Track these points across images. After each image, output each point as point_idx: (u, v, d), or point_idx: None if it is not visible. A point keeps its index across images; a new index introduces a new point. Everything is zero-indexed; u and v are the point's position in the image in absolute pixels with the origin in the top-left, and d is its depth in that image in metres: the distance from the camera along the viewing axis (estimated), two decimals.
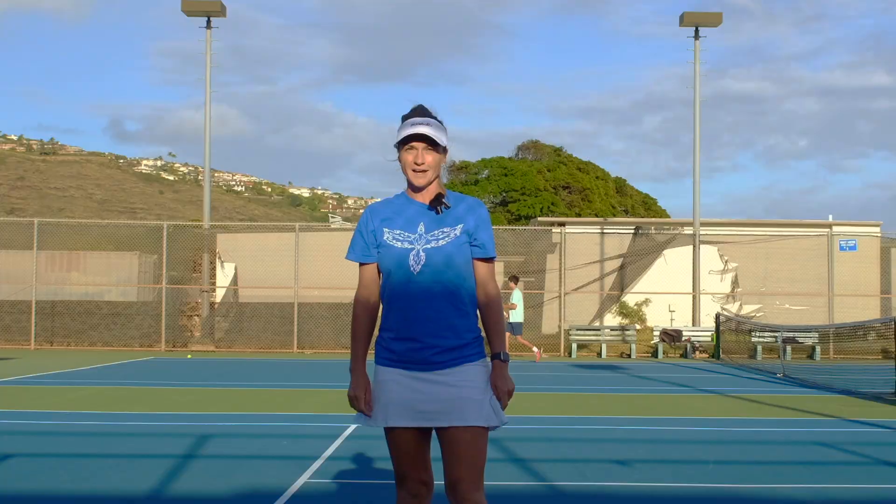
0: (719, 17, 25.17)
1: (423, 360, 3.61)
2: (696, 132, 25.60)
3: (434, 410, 3.60)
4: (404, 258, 3.63)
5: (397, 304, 3.64)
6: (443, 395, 3.59)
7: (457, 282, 3.64)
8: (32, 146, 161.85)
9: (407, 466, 3.69)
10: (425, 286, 3.61)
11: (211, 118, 25.46)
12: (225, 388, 14.02)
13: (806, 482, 6.88)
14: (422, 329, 3.61)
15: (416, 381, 3.62)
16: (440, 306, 3.61)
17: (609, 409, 11.60)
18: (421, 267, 3.61)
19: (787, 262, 25.79)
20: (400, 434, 3.65)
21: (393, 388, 3.63)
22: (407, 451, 3.67)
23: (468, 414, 3.58)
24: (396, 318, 3.65)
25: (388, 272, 3.68)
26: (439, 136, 3.68)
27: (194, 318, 25.22)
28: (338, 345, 24.06)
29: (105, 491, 6.31)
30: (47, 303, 24.41)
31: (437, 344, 3.60)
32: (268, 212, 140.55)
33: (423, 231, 3.67)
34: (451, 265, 3.63)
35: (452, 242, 3.64)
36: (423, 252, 3.62)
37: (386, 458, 7.45)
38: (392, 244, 3.66)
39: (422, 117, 3.71)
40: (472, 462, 3.61)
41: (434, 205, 3.69)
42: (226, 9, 25.42)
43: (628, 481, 6.83)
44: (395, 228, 3.69)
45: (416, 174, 3.69)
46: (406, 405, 3.61)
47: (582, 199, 53.41)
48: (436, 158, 3.70)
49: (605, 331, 24.02)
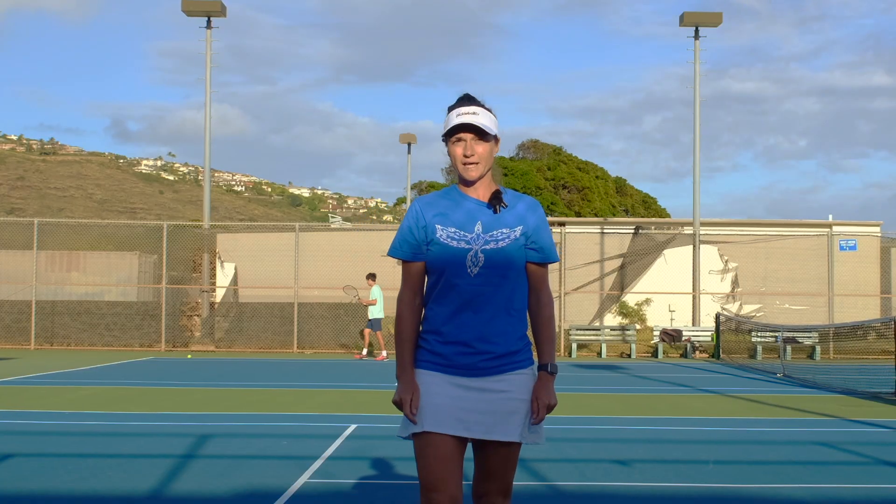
0: (719, 16, 25.18)
1: (471, 365, 3.40)
2: (696, 132, 25.61)
3: (476, 420, 3.39)
4: (461, 259, 3.38)
5: (449, 306, 3.41)
6: (486, 405, 3.39)
7: (512, 286, 3.43)
8: (32, 146, 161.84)
9: (440, 478, 3.36)
10: (481, 289, 3.38)
11: (211, 118, 25.48)
12: (225, 388, 14.02)
13: (806, 482, 6.88)
14: (474, 333, 3.39)
15: (460, 388, 3.40)
16: (495, 311, 3.40)
17: (609, 409, 11.60)
18: (479, 269, 3.38)
19: (787, 262, 25.80)
20: (437, 441, 3.37)
21: (435, 392, 3.40)
22: (441, 460, 3.37)
23: (511, 428, 3.40)
24: (446, 320, 3.41)
25: (441, 272, 3.42)
26: (488, 126, 3.43)
27: (194, 318, 25.22)
28: (338, 345, 24.06)
29: (105, 491, 6.31)
30: (47, 303, 24.41)
31: (488, 350, 3.40)
32: (268, 212, 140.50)
33: (481, 231, 3.41)
34: (510, 268, 3.41)
35: (513, 244, 3.41)
36: (482, 253, 3.38)
37: (386, 458, 7.48)
38: (447, 243, 3.40)
39: (469, 106, 3.46)
40: (503, 476, 3.47)
41: (493, 203, 3.45)
42: (226, 9, 25.43)
43: (628, 481, 6.84)
44: (449, 226, 3.43)
45: (466, 167, 3.44)
46: (448, 412, 3.38)
47: (582, 199, 53.45)
48: (486, 149, 3.46)
49: (605, 331, 24.02)
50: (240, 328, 24.43)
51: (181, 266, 25.57)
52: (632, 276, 26.18)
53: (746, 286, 26.12)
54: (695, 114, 25.57)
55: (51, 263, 26.75)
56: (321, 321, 24.19)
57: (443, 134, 3.50)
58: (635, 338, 23.64)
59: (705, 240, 25.47)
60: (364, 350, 21.86)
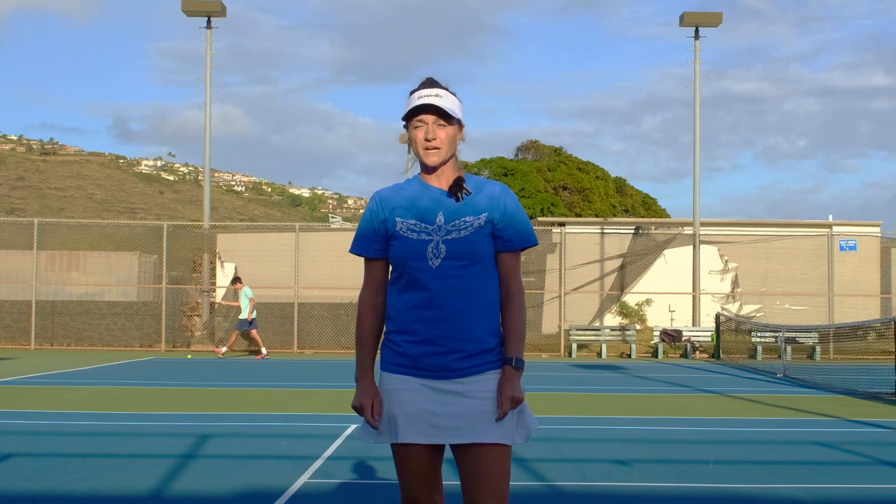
0: (719, 16, 25.17)
1: (442, 366, 3.20)
2: (696, 132, 25.61)
3: (452, 426, 3.18)
4: (422, 251, 3.20)
5: (414, 302, 3.22)
6: (462, 408, 3.18)
7: (480, 278, 3.23)
8: (32, 146, 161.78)
9: (417, 489, 3.24)
10: (446, 283, 3.18)
11: (211, 118, 25.47)
12: (225, 388, 14.02)
13: (806, 482, 6.87)
14: (442, 331, 3.19)
15: (432, 391, 3.20)
16: (462, 305, 3.19)
17: (609, 409, 11.60)
18: (441, 261, 3.18)
19: (787, 262, 25.79)
20: (411, 451, 3.22)
21: (405, 399, 3.21)
22: (418, 471, 3.24)
23: (490, 429, 3.17)
24: (412, 318, 3.22)
25: (403, 267, 3.24)
26: (452, 108, 3.23)
27: (194, 318, 25.22)
28: (338, 345, 24.05)
29: (105, 491, 6.31)
30: (47, 303, 24.41)
31: (460, 348, 3.20)
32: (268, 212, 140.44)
33: (443, 221, 3.22)
34: (475, 259, 3.21)
35: (476, 233, 3.21)
36: (444, 244, 3.19)
37: (386, 458, 7.47)
38: (407, 236, 3.23)
39: (432, 88, 3.26)
40: (495, 484, 3.18)
41: (454, 191, 3.25)
42: (226, 9, 25.43)
43: (628, 481, 6.83)
44: (409, 218, 3.25)
45: (427, 152, 3.25)
46: (420, 419, 3.19)
47: (582, 199, 53.43)
48: (449, 133, 3.26)
49: (605, 331, 24.01)
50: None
51: (181, 266, 25.56)
52: (632, 277, 26.17)
53: (746, 286, 26.11)
54: (695, 114, 25.57)
55: (51, 263, 26.73)
56: (321, 321, 24.18)
57: (403, 116, 3.30)
58: (635, 338, 23.64)
59: (705, 240, 25.47)
60: (263, 350, 21.31)
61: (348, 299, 24.73)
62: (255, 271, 25.16)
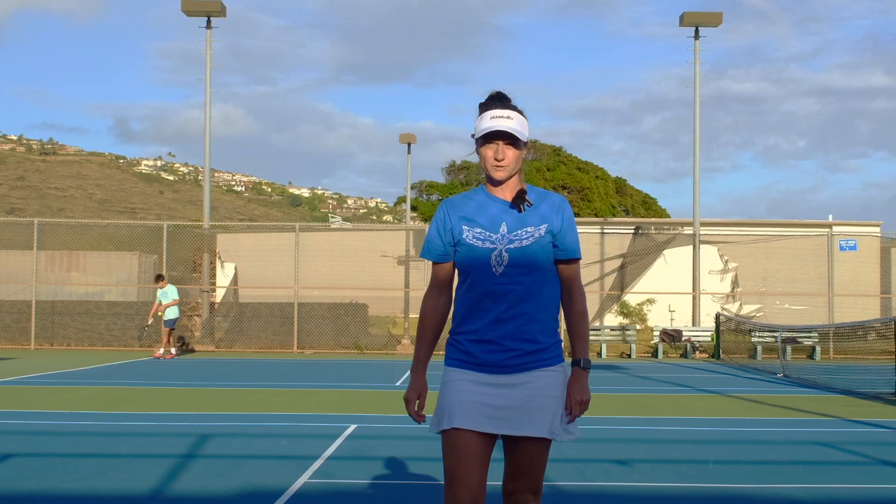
0: (719, 16, 25.16)
1: (499, 362, 3.46)
2: (696, 132, 25.60)
3: (503, 417, 3.44)
4: (486, 259, 3.46)
5: (477, 305, 3.48)
6: (515, 402, 3.44)
7: (539, 284, 3.49)
8: (32, 146, 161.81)
9: (465, 474, 3.42)
10: (507, 288, 3.44)
11: (211, 118, 25.45)
12: (225, 388, 14.02)
13: (806, 482, 6.88)
14: (501, 332, 3.45)
15: (489, 385, 3.46)
16: (522, 309, 3.46)
17: (609, 409, 11.60)
18: (503, 268, 3.45)
19: (787, 262, 25.79)
20: (462, 437, 3.43)
21: (462, 388, 3.47)
22: (465, 457, 3.42)
23: (538, 424, 3.44)
24: (475, 319, 3.49)
25: (468, 272, 3.51)
26: (521, 132, 3.49)
27: (194, 318, 25.22)
28: (338, 345, 24.05)
29: (105, 491, 6.31)
30: (47, 303, 24.40)
31: (516, 347, 3.46)
32: (268, 212, 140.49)
33: (506, 231, 3.48)
34: (535, 267, 3.47)
35: (536, 243, 3.47)
36: (506, 252, 3.45)
37: (386, 458, 7.48)
38: (473, 243, 3.48)
39: (503, 109, 3.50)
40: (532, 473, 3.50)
41: (517, 202, 3.50)
42: (226, 9, 25.42)
43: (628, 481, 6.84)
44: (475, 227, 3.51)
45: (495, 168, 3.50)
46: (475, 408, 3.44)
47: (582, 199, 53.44)
48: (517, 154, 3.51)
49: (605, 331, 24.02)
50: (240, 328, 24.42)
51: (181, 266, 25.55)
52: (632, 277, 26.17)
53: (746, 286, 26.12)
54: (695, 114, 25.57)
55: (51, 263, 26.76)
56: (321, 321, 24.18)
57: (476, 135, 3.53)
58: (635, 338, 23.64)
59: (705, 240, 25.47)
60: (173, 349, 20.88)
61: (348, 299, 24.75)
62: (255, 271, 25.19)
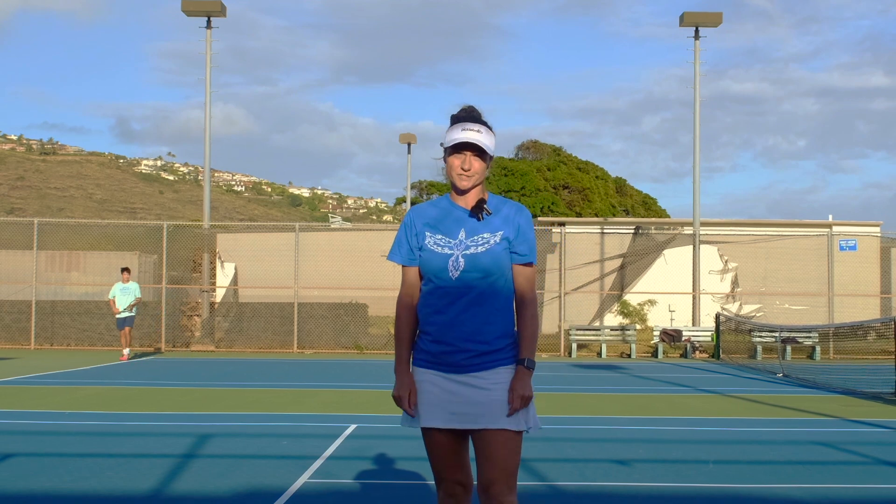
0: (719, 16, 25.16)
1: (455, 363, 3.67)
2: (696, 132, 25.60)
3: (467, 413, 3.65)
4: (443, 264, 3.68)
5: (434, 308, 3.69)
6: (475, 398, 3.65)
7: (494, 288, 3.69)
8: (32, 146, 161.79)
9: (442, 467, 3.75)
10: (462, 292, 3.65)
11: (211, 118, 25.46)
12: (225, 388, 14.02)
13: (806, 482, 6.88)
14: (456, 334, 3.66)
15: (450, 382, 3.68)
16: (475, 312, 3.66)
17: (609, 409, 11.60)
18: (459, 273, 3.66)
19: (787, 262, 25.78)
20: (435, 435, 3.71)
21: (428, 389, 3.70)
22: (442, 451, 3.73)
23: (499, 417, 3.64)
24: (432, 321, 3.70)
25: (428, 276, 3.74)
26: (489, 146, 3.72)
27: (194, 318, 25.22)
28: (338, 345, 24.06)
29: (105, 491, 6.31)
30: (47, 303, 24.40)
31: (469, 349, 3.66)
32: (268, 212, 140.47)
33: (464, 237, 3.71)
34: (489, 272, 3.67)
35: (492, 249, 3.68)
36: (462, 258, 3.67)
37: (386, 458, 7.48)
38: (433, 249, 3.71)
39: (473, 122, 3.73)
40: (504, 464, 3.65)
41: (475, 211, 3.73)
42: (226, 9, 25.42)
43: (628, 481, 6.84)
44: (437, 233, 3.74)
45: (460, 177, 3.72)
46: (440, 406, 3.68)
47: (582, 199, 53.46)
48: (482, 165, 3.75)
49: (605, 331, 24.01)
50: (240, 328, 24.43)
51: (181, 266, 25.55)
52: (632, 276, 26.17)
53: (746, 286, 26.12)
54: (694, 114, 25.57)
55: (51, 263, 26.75)
56: (321, 321, 24.18)
57: (445, 144, 3.74)
58: (635, 338, 23.63)
59: (705, 240, 25.47)
60: (126, 350, 19.92)
61: (348, 299, 24.75)
62: (254, 271, 25.18)
